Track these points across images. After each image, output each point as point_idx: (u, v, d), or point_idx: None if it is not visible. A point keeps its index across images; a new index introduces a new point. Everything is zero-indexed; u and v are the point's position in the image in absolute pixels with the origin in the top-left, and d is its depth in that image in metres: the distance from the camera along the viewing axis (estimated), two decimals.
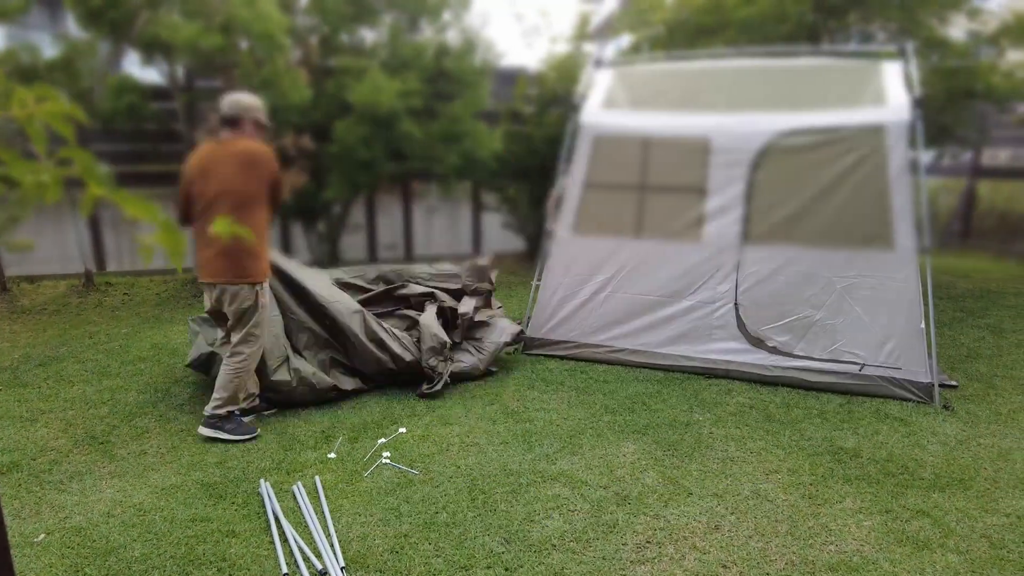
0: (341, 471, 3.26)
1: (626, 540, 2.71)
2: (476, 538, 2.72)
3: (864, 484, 3.14)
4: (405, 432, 3.67)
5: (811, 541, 2.71)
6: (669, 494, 3.05)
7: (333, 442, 3.56)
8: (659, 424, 3.77)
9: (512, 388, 4.30)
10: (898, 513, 2.90)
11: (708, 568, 2.54)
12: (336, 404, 4.06)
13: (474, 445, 3.52)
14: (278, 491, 3.05)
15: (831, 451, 3.46)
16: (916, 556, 2.61)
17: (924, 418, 3.86)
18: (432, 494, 3.04)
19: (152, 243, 1.05)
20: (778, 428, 3.73)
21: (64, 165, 1.03)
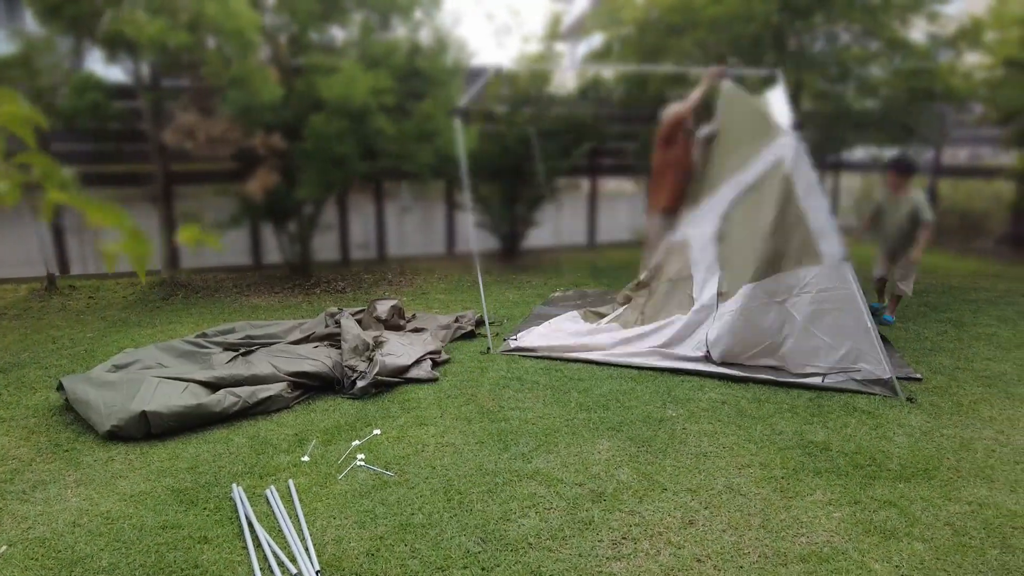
0: (315, 474, 3.22)
1: (602, 537, 2.73)
2: (452, 538, 2.71)
3: (834, 476, 3.21)
4: (380, 434, 3.64)
5: (783, 533, 2.75)
6: (644, 490, 3.08)
7: (306, 445, 3.52)
8: (633, 421, 3.80)
9: (487, 388, 4.30)
10: (866, 504, 2.97)
11: (683, 562, 2.57)
12: (309, 407, 4.02)
13: (450, 445, 3.51)
14: (251, 495, 3.01)
15: (801, 445, 3.53)
16: (884, 545, 2.68)
17: (890, 411, 3.96)
18: (408, 495, 3.03)
19: (117, 250, 1.01)
20: (750, 423, 3.79)
21: (24, 170, 1.00)
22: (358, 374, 4.22)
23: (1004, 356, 4.95)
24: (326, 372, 4.22)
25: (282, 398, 3.97)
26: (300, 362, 4.25)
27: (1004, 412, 3.96)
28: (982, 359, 4.88)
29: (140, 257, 1.01)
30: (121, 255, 1.03)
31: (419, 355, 4.56)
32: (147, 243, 1.02)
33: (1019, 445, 3.54)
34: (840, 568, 2.53)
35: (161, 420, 3.57)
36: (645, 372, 4.56)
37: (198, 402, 3.71)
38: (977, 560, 2.59)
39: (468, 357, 4.88)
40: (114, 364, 4.20)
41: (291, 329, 4.99)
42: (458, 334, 5.34)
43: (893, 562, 2.57)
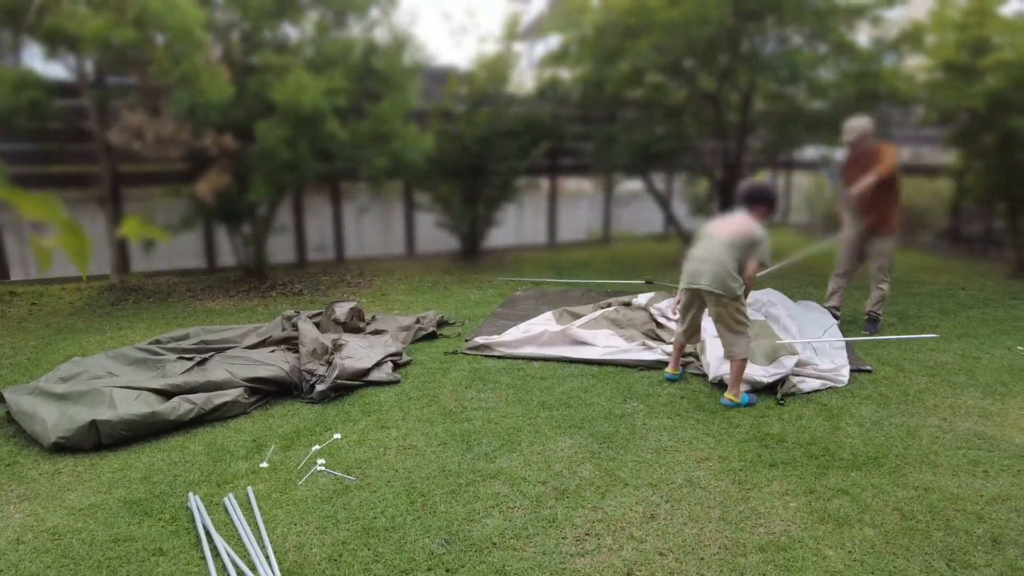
0: (274, 480, 3.16)
1: (565, 534, 2.74)
2: (416, 541, 2.69)
3: (789, 467, 3.29)
4: (340, 438, 3.59)
5: (742, 525, 2.82)
6: (606, 486, 3.11)
7: (265, 451, 3.45)
8: (595, 417, 3.83)
9: (450, 388, 4.28)
10: (821, 493, 3.06)
11: (645, 556, 2.60)
12: (267, 412, 3.94)
13: (412, 448, 3.48)
14: (208, 504, 2.94)
15: (758, 437, 3.61)
16: (837, 532, 2.76)
17: (843, 402, 4.08)
18: (370, 499, 3.00)
19: (51, 246, 0.95)
20: (708, 417, 3.86)
21: None
22: (317, 378, 4.16)
23: (946, 347, 5.16)
24: (283, 377, 4.14)
25: (239, 404, 3.88)
26: (257, 367, 4.16)
27: (947, 400, 4.13)
28: (927, 350, 5.07)
29: (79, 252, 0.95)
30: (57, 252, 0.97)
31: (379, 357, 4.51)
32: (84, 236, 0.96)
33: (960, 431, 3.69)
34: (796, 556, 2.60)
35: (112, 429, 3.45)
36: (606, 369, 4.60)
37: (151, 410, 3.60)
38: (923, 543, 2.69)
39: (430, 358, 4.85)
40: (60, 376, 4.04)
41: (247, 333, 4.89)
42: (419, 335, 5.31)
43: (846, 548, 2.66)
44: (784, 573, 2.51)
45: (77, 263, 0.96)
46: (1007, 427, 3.76)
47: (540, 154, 8.59)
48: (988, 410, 3.99)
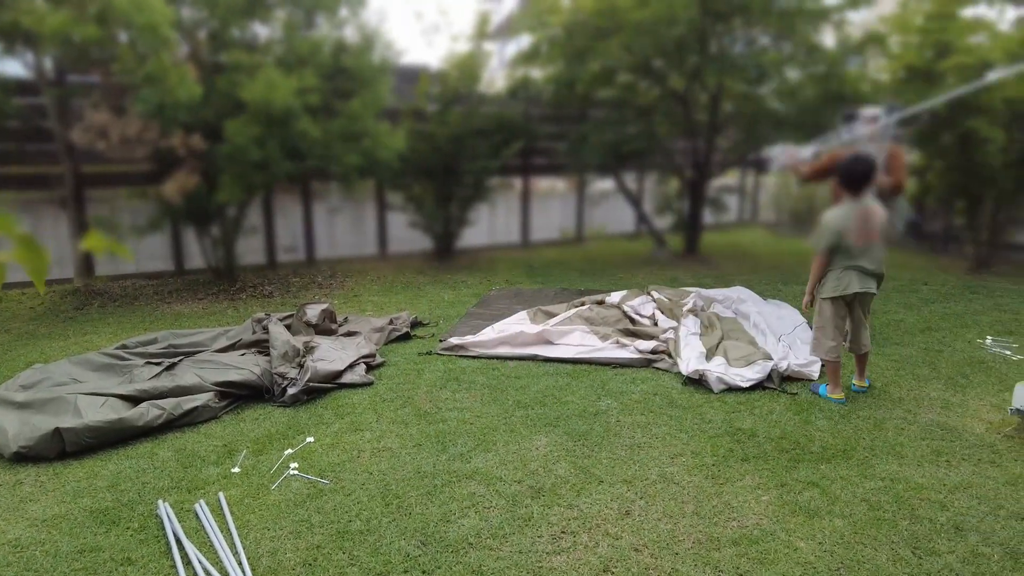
0: (246, 485, 3.11)
1: (541, 532, 2.75)
2: (392, 543, 2.68)
3: (761, 461, 3.34)
4: (313, 441, 3.55)
5: (715, 519, 2.85)
6: (581, 483, 3.13)
7: (236, 456, 3.39)
8: (569, 416, 3.85)
9: (424, 389, 4.27)
10: (792, 486, 3.11)
11: (621, 553, 2.62)
12: (238, 416, 3.88)
13: (386, 450, 3.46)
14: (179, 511, 2.88)
15: (730, 432, 3.66)
16: (808, 524, 2.81)
17: (812, 396, 4.16)
18: (344, 502, 2.97)
19: (6, 260, 0.90)
20: (681, 413, 3.90)
21: None
22: (288, 381, 4.11)
23: (910, 340, 5.29)
24: (254, 380, 4.08)
25: (209, 408, 3.82)
26: (227, 371, 4.10)
27: (911, 392, 4.23)
28: (892, 344, 5.19)
29: (36, 268, 0.90)
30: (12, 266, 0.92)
31: (352, 359, 4.47)
32: (42, 251, 0.91)
33: (924, 422, 3.79)
34: (769, 549, 2.65)
35: (76, 437, 3.36)
36: (580, 368, 4.62)
37: (118, 416, 3.52)
38: (890, 532, 2.76)
39: (404, 360, 4.83)
40: (21, 384, 3.92)
41: (217, 337, 4.81)
42: (393, 336, 5.27)
43: (817, 539, 2.71)
44: (757, 566, 2.55)
45: (34, 279, 0.91)
46: (968, 417, 3.87)
47: (512, 153, 8.60)
48: (950, 401, 4.10)
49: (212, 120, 6.09)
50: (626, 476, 3.20)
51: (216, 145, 6.10)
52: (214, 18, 6.33)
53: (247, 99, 5.92)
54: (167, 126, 5.93)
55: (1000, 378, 4.48)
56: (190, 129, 6.07)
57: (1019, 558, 2.61)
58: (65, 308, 6.23)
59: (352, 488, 3.08)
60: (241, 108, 6.02)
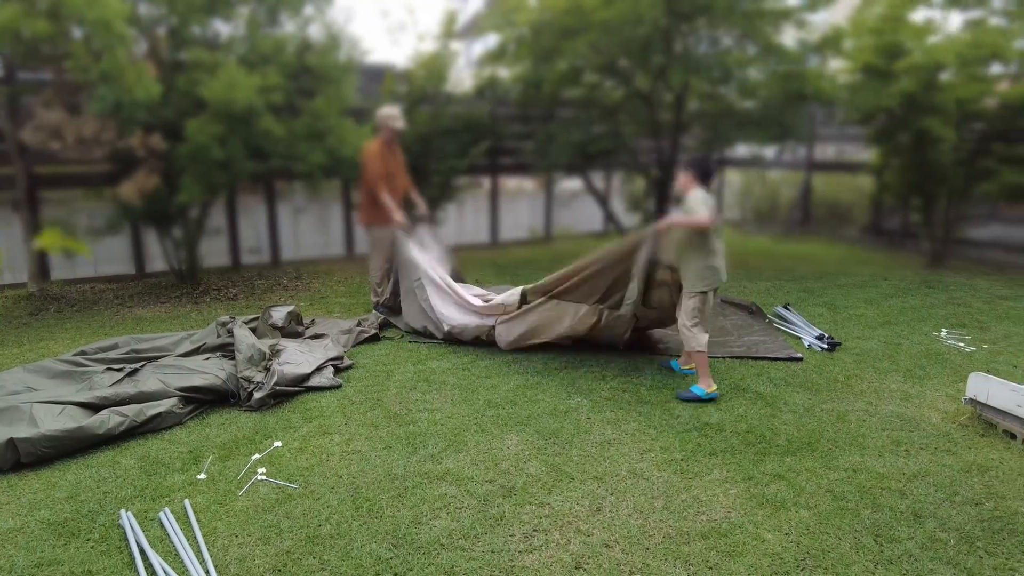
0: (213, 492, 3.05)
1: (513, 531, 2.76)
2: (363, 546, 2.65)
3: (728, 455, 3.40)
4: (281, 446, 3.50)
5: (685, 513, 2.89)
6: (552, 481, 3.14)
7: (202, 462, 3.33)
8: (540, 414, 3.86)
9: (394, 391, 4.23)
10: (759, 479, 3.17)
11: (592, 549, 2.64)
12: (203, 422, 3.80)
13: (356, 453, 3.43)
14: (142, 520, 2.81)
15: (698, 427, 3.71)
16: (775, 516, 2.87)
17: (777, 390, 4.24)
18: (314, 507, 2.93)
19: None
20: (649, 409, 3.94)
21: None
22: (255, 385, 4.04)
23: (871, 334, 5.43)
24: (220, 385, 4.01)
25: (174, 414, 3.73)
26: (191, 376, 4.01)
27: (872, 385, 4.35)
28: (853, 338, 5.32)
29: None
30: None
31: (320, 362, 4.42)
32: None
33: (885, 414, 3.89)
34: (738, 541, 2.69)
35: (32, 447, 3.26)
36: (551, 366, 4.64)
37: (77, 425, 3.42)
38: (853, 521, 2.83)
39: (373, 362, 4.78)
40: None
41: (180, 341, 4.70)
42: (361, 338, 5.22)
43: (783, 531, 2.77)
44: (726, 558, 2.59)
45: None
46: (925, 408, 3.99)
47: (480, 153, 8.58)
48: (909, 393, 4.22)
49: (172, 119, 5.95)
50: (597, 473, 3.22)
51: (177, 145, 5.96)
52: (173, 15, 6.18)
53: (208, 98, 5.80)
54: (125, 125, 5.77)
55: (955, 369, 4.63)
56: (149, 129, 5.92)
57: (974, 542, 2.70)
58: (19, 314, 6.02)
59: (321, 492, 3.05)
60: (202, 107, 5.89)
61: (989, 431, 3.67)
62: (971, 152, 7.91)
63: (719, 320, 5.71)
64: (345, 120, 6.76)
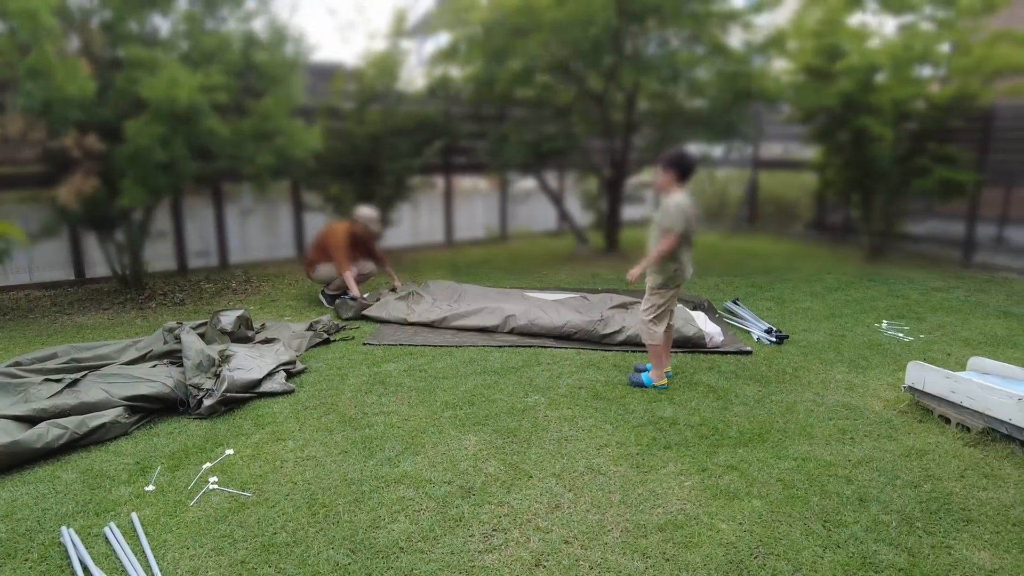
0: (162, 504, 2.95)
1: (473, 531, 2.75)
2: (320, 553, 2.61)
3: (683, 448, 3.47)
4: (233, 454, 3.41)
5: (641, 507, 2.93)
6: (511, 480, 3.14)
7: (150, 473, 3.22)
8: (498, 413, 3.86)
9: (349, 395, 4.17)
10: (712, 471, 3.24)
11: (551, 546, 2.66)
12: (150, 431, 3.68)
13: (311, 459, 3.37)
14: (86, 537, 2.70)
15: (653, 421, 3.77)
16: (729, 507, 2.94)
17: (728, 383, 4.35)
18: (268, 515, 2.87)
19: None
20: (605, 405, 3.99)
21: None
22: (204, 392, 3.92)
23: (817, 327, 5.62)
24: (168, 393, 3.88)
25: (119, 424, 3.60)
26: (137, 384, 3.87)
27: (819, 376, 4.50)
28: (800, 331, 5.50)
29: None
30: None
31: (271, 367, 4.32)
32: None
33: (831, 404, 4.03)
34: (693, 532, 2.75)
35: None
36: (508, 366, 4.65)
37: (11, 439, 3.26)
38: (803, 508, 2.92)
39: (327, 366, 4.71)
40: None
41: (125, 348, 4.53)
42: (314, 342, 5.13)
43: (737, 520, 2.83)
44: (682, 549, 2.64)
45: None
46: (868, 397, 4.15)
47: (434, 152, 8.54)
48: (853, 383, 4.38)
49: (110, 119, 5.72)
50: (555, 470, 3.24)
51: (116, 146, 5.73)
52: (107, 8, 5.94)
53: (148, 97, 5.59)
54: (57, 125, 5.53)
55: (895, 359, 4.83)
56: (85, 128, 5.69)
57: (913, 523, 2.82)
58: None
59: (276, 499, 2.98)
60: (142, 106, 5.68)
61: (926, 417, 3.84)
62: (907, 150, 8.26)
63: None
64: (294, 120, 6.63)
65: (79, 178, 5.76)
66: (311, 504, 2.95)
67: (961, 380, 3.68)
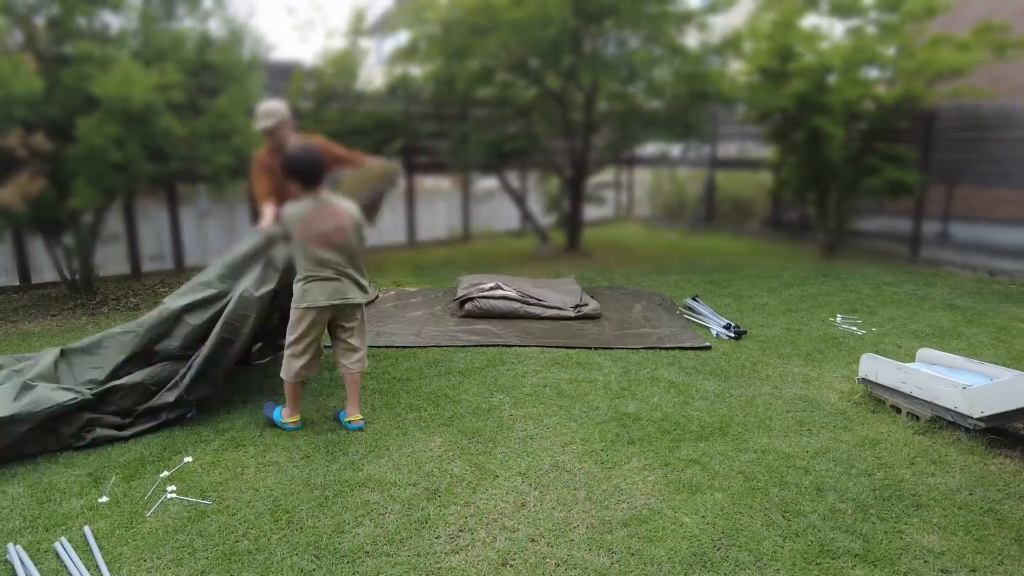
0: (117, 515, 2.87)
1: (439, 533, 2.74)
2: (283, 560, 2.57)
3: (646, 444, 3.51)
4: (192, 461, 3.33)
5: (606, 503, 2.96)
6: (477, 480, 3.14)
7: (104, 484, 3.12)
8: (463, 414, 3.86)
9: (310, 399, 4.11)
10: (675, 465, 3.29)
11: (518, 545, 2.66)
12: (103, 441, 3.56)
13: (272, 464, 3.31)
14: (35, 553, 2.60)
15: (616, 418, 3.82)
16: (691, 500, 2.99)
17: (689, 378, 4.42)
18: (230, 523, 2.81)
19: None
20: (569, 403, 4.02)
21: None
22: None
23: (774, 322, 5.75)
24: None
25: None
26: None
27: (777, 370, 4.61)
28: (758, 326, 5.62)
29: None
30: None
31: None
32: None
33: (789, 397, 4.14)
34: (658, 527, 2.79)
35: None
36: (473, 366, 4.64)
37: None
38: (763, 499, 2.99)
39: None
40: None
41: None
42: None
43: (700, 513, 2.89)
44: (647, 544, 2.67)
45: None
46: (824, 389, 4.27)
47: (394, 152, 8.47)
48: (809, 376, 4.50)
49: (59, 118, 5.52)
50: (520, 469, 3.25)
51: (66, 145, 5.53)
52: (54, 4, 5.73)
53: (100, 95, 5.42)
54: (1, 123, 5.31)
55: (849, 352, 4.98)
56: (31, 127, 5.47)
57: (868, 510, 2.91)
58: None
59: (237, 507, 2.92)
60: (94, 105, 5.50)
61: (879, 407, 3.97)
62: (857, 150, 8.52)
63: (633, 313, 5.89)
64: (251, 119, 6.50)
65: (25, 179, 5.54)
66: (274, 510, 2.90)
67: (911, 371, 3.82)
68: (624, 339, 5.18)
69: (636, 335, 5.28)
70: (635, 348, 4.99)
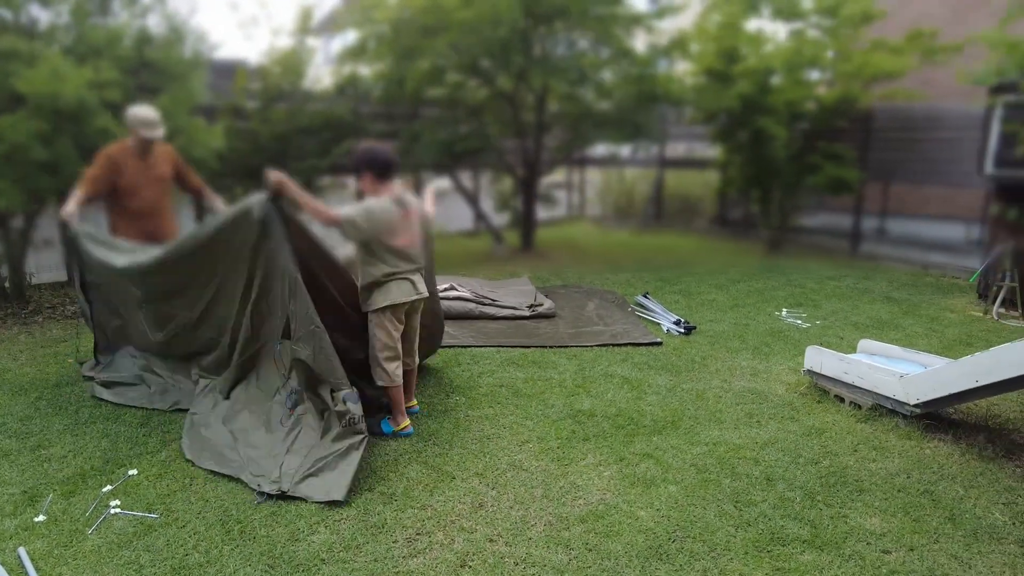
0: (56, 534, 2.74)
1: (396, 537, 2.71)
2: (236, 571, 2.50)
3: (601, 440, 3.55)
4: (137, 474, 3.21)
5: (563, 499, 2.98)
6: (434, 482, 3.12)
7: (40, 502, 2.97)
8: (418, 416, 3.82)
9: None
10: (630, 459, 3.34)
11: (476, 546, 2.66)
12: (39, 455, 3.39)
13: (222, 474, 3.21)
14: None
15: (571, 415, 3.85)
16: (646, 494, 3.04)
17: (642, 374, 4.49)
18: (179, 535, 2.72)
19: None
20: (525, 401, 4.03)
21: None
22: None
23: (723, 317, 5.89)
24: None
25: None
26: None
27: (726, 364, 4.72)
28: (707, 321, 5.75)
29: None
30: None
31: None
32: None
33: (738, 390, 4.24)
34: (614, 521, 2.82)
35: None
36: (430, 368, 4.60)
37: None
38: (716, 491, 3.06)
39: None
40: None
41: None
42: None
43: (655, 507, 2.93)
44: (604, 539, 2.70)
45: None
46: (772, 381, 4.40)
47: (343, 152, 8.33)
48: (757, 369, 4.63)
49: None
50: (477, 469, 3.24)
51: None
52: None
53: (26, 91, 5.16)
54: None
55: (794, 344, 5.14)
56: None
57: (815, 496, 3.01)
58: None
59: (187, 519, 2.83)
60: (19, 101, 5.24)
61: (824, 397, 4.11)
62: (799, 149, 8.80)
63: (587, 311, 5.95)
64: (195, 119, 6.30)
65: None
66: (224, 521, 2.81)
67: (852, 362, 3.97)
68: (578, 337, 5.23)
69: (590, 333, 5.34)
70: (589, 346, 5.04)
